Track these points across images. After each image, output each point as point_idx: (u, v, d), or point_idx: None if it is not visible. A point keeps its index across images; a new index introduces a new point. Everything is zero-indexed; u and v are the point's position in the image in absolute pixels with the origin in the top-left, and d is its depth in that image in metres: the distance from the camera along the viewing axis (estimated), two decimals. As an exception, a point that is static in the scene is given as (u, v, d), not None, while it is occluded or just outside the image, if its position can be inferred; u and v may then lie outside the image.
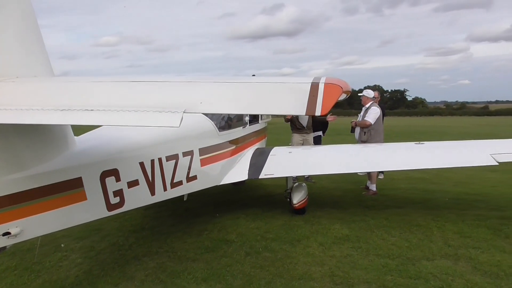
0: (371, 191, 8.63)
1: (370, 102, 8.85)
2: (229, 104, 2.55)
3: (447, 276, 4.57)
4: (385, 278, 4.54)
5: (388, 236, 5.90)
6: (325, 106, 2.29)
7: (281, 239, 5.80)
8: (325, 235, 5.97)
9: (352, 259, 5.10)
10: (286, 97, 2.47)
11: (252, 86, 2.71)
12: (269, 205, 7.59)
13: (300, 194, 6.92)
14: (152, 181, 4.55)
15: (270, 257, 5.18)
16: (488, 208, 7.45)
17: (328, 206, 7.54)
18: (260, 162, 6.80)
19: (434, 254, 5.22)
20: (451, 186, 9.58)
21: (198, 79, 2.90)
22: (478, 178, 10.48)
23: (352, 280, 4.51)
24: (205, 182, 5.73)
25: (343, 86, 2.54)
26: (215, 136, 6.00)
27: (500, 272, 4.65)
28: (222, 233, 6.07)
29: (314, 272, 4.72)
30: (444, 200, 8.14)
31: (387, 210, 7.30)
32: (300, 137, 9.29)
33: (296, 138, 9.32)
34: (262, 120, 8.86)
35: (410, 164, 6.80)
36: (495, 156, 6.18)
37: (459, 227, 6.25)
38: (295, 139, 9.33)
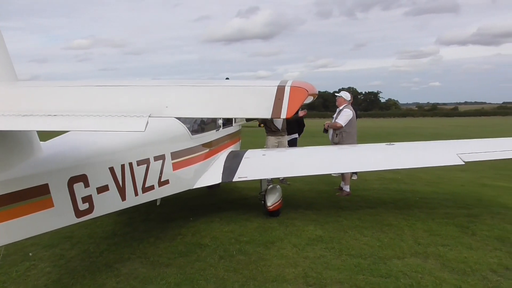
0: (344, 192, 8.75)
1: (345, 104, 8.98)
2: (195, 108, 2.55)
3: (417, 274, 4.67)
4: (357, 278, 4.60)
5: (360, 236, 5.99)
6: (291, 109, 2.32)
7: (255, 241, 5.81)
8: (299, 236, 6.01)
9: (325, 259, 5.15)
10: (253, 101, 2.49)
11: (218, 90, 2.72)
12: (243, 208, 7.59)
13: (274, 197, 6.95)
14: (123, 186, 4.48)
15: (244, 260, 5.18)
16: (456, 206, 7.67)
17: (303, 207, 7.60)
18: (234, 165, 6.80)
19: (404, 253, 5.33)
20: (422, 185, 9.82)
21: (165, 83, 2.89)
22: (447, 177, 10.77)
23: (325, 281, 4.56)
24: (178, 186, 5.69)
25: (309, 89, 2.57)
26: (188, 140, 5.96)
27: (467, 268, 4.79)
28: (196, 237, 6.03)
29: (287, 274, 4.75)
30: (415, 199, 8.33)
31: (360, 210, 7.42)
32: (275, 140, 9.32)
33: (271, 140, 9.35)
34: (236, 123, 8.87)
35: (381, 165, 6.94)
36: (461, 156, 6.38)
37: (428, 226, 6.41)
38: (270, 142, 9.35)
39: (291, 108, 2.33)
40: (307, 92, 2.49)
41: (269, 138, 9.41)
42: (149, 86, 2.90)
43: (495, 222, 6.59)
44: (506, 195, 8.68)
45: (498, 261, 4.98)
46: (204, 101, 2.58)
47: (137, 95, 2.76)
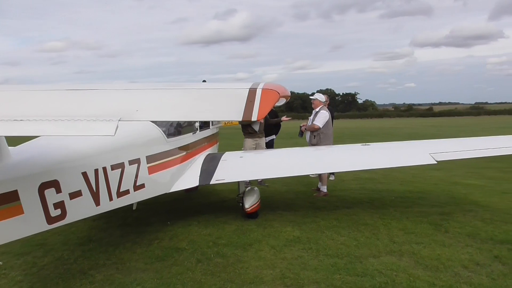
0: (322, 193, 8.83)
1: (320, 106, 9.06)
2: (166, 111, 2.54)
3: (392, 272, 4.75)
4: (334, 277, 4.65)
5: (337, 236, 6.05)
6: (262, 111, 2.33)
7: (233, 244, 5.80)
8: (277, 238, 6.04)
9: (303, 260, 5.19)
10: (224, 103, 2.50)
11: (189, 93, 2.72)
12: (222, 210, 7.58)
13: (252, 198, 6.97)
14: (97, 191, 4.41)
15: (221, 262, 5.17)
16: (430, 204, 7.84)
17: (280, 209, 7.64)
18: (211, 167, 6.78)
19: (380, 251, 5.42)
20: (397, 185, 10.00)
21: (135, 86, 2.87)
22: (422, 176, 11.00)
23: (302, 281, 4.59)
24: (154, 190, 5.64)
25: (281, 91, 2.60)
26: (163, 143, 5.92)
27: (440, 265, 4.90)
28: (173, 241, 5.98)
29: (265, 275, 4.76)
30: (391, 198, 8.48)
31: (337, 210, 7.50)
32: (253, 142, 9.32)
33: (249, 142, 9.35)
34: (213, 126, 8.85)
35: (357, 165, 7.05)
36: (434, 156, 6.54)
37: (403, 224, 6.53)
38: (247, 144, 9.35)
39: (262, 110, 2.34)
40: (278, 94, 2.52)
41: (247, 140, 9.40)
42: (119, 89, 2.87)
43: (467, 219, 6.77)
44: (477, 192, 8.92)
45: (469, 257, 5.12)
46: (175, 104, 2.57)
47: (107, 99, 2.73)
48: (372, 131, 37.02)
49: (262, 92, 2.48)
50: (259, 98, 2.43)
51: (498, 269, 4.75)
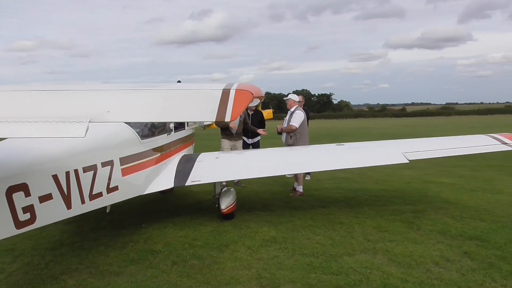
0: (298, 192, 8.89)
1: (295, 106, 9.12)
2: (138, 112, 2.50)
3: (366, 269, 4.83)
4: (310, 276, 4.69)
5: (313, 235, 6.11)
6: (235, 112, 2.33)
7: (209, 245, 5.77)
8: (253, 238, 6.04)
9: (279, 260, 5.21)
10: (197, 104, 2.48)
11: (162, 94, 2.69)
12: (198, 212, 7.52)
13: (229, 199, 6.94)
14: (68, 194, 4.31)
15: (197, 264, 5.13)
16: (403, 203, 8.01)
17: (257, 209, 7.64)
18: (186, 169, 6.73)
19: (354, 250, 5.49)
20: (372, 184, 10.17)
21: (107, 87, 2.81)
22: (396, 175, 11.22)
23: (278, 281, 4.60)
24: (128, 192, 5.55)
25: (255, 92, 2.60)
26: (137, 145, 5.83)
27: (412, 262, 5.01)
28: (148, 243, 5.90)
29: (241, 276, 4.75)
30: (365, 197, 8.61)
31: (312, 210, 7.57)
32: (229, 143, 9.28)
33: (225, 144, 9.31)
34: (189, 127, 8.78)
35: (332, 165, 7.13)
36: (406, 155, 6.68)
37: (377, 222, 6.65)
38: (224, 145, 9.32)
39: (236, 111, 2.34)
40: (252, 95, 2.52)
41: (224, 141, 9.37)
42: (90, 90, 2.81)
43: (438, 216, 6.94)
44: (448, 190, 9.17)
45: (440, 254, 5.25)
46: (148, 105, 2.54)
47: (77, 100, 2.67)
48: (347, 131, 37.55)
49: (236, 92, 2.48)
50: (233, 98, 2.43)
51: (467, 265, 4.90)
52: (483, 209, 7.44)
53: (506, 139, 7.12)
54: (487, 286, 4.33)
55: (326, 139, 22.64)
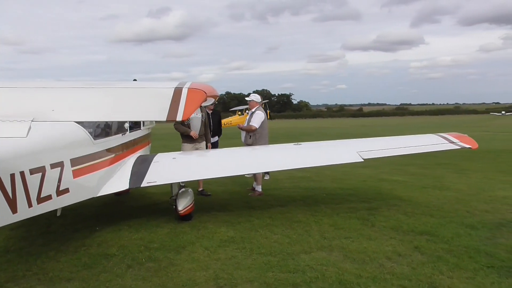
0: (257, 192, 8.92)
1: (256, 106, 9.15)
2: (85, 111, 2.41)
3: (322, 267, 4.90)
4: (267, 275, 4.70)
5: (271, 234, 6.14)
6: (187, 111, 2.29)
7: (166, 247, 5.67)
8: (211, 239, 5.99)
9: (237, 260, 5.19)
10: (148, 103, 2.42)
11: (111, 92, 2.60)
12: (154, 213, 7.37)
13: (186, 200, 6.85)
14: (13, 198, 4.08)
15: (153, 267, 5.02)
16: (358, 200, 8.23)
17: (215, 209, 7.60)
18: (142, 169, 6.57)
19: (311, 247, 5.57)
20: (328, 182, 10.39)
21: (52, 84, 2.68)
22: (352, 174, 11.52)
23: (235, 281, 4.59)
24: (80, 194, 5.34)
25: (208, 91, 2.57)
26: (90, 145, 5.62)
27: (366, 258, 5.15)
28: (102, 247, 5.71)
29: (198, 277, 4.70)
30: (322, 196, 8.78)
31: (271, 209, 7.62)
32: (192, 148, 8.52)
33: (187, 148, 8.50)
34: (145, 127, 8.58)
35: (289, 164, 7.21)
36: (361, 154, 6.87)
37: (334, 220, 6.78)
38: (186, 150, 8.52)
39: (188, 110, 2.30)
40: (205, 94, 2.49)
41: (185, 145, 8.55)
42: (33, 88, 2.67)
43: (391, 213, 7.18)
44: (400, 188, 9.52)
45: (392, 249, 5.43)
46: (96, 104, 2.45)
47: (19, 98, 2.53)
48: (306, 131, 38.18)
49: (188, 91, 2.44)
50: (185, 97, 2.38)
51: (418, 259, 5.09)
52: (432, 205, 7.77)
53: (453, 138, 7.48)
54: (435, 278, 4.51)
55: (286, 139, 22.89)
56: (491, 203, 7.93)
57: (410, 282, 4.43)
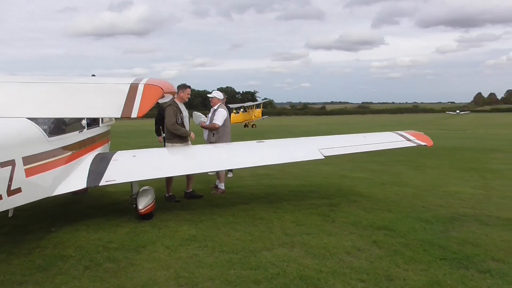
0: (220, 190, 8.88)
1: (218, 104, 9.09)
2: (33, 107, 2.30)
3: (283, 263, 4.94)
4: (228, 273, 4.69)
5: (233, 232, 6.13)
6: (143, 107, 2.24)
7: (126, 247, 5.53)
8: (172, 237, 5.91)
9: (198, 258, 5.15)
10: (102, 99, 2.35)
11: (63, 87, 2.51)
12: (114, 213, 7.18)
13: (147, 199, 6.71)
14: (-41, 198, 3.86)
15: (112, 267, 4.89)
16: (320, 197, 8.36)
17: (177, 208, 7.50)
18: (101, 168, 6.38)
19: (273, 244, 5.61)
20: (291, 179, 10.49)
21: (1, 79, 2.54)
22: (314, 171, 11.69)
23: (196, 279, 4.55)
24: (33, 194, 5.12)
25: (165, 87, 2.52)
26: (44, 143, 5.39)
27: (327, 253, 5.23)
28: (58, 248, 5.50)
29: (159, 277, 4.62)
30: (285, 193, 8.86)
31: (233, 207, 7.60)
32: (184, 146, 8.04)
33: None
34: (104, 123, 8.34)
35: (252, 162, 7.23)
36: (322, 151, 6.99)
37: (295, 217, 6.86)
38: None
39: (143, 107, 2.25)
40: (162, 90, 2.44)
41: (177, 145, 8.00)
42: None
43: (351, 209, 7.34)
44: (361, 184, 9.76)
45: (352, 244, 5.56)
46: (45, 100, 2.35)
47: None
48: (271, 128, 38.41)
49: (145, 87, 2.39)
50: (141, 94, 2.33)
51: (376, 253, 5.23)
52: (391, 201, 8.02)
53: (410, 136, 7.74)
54: (392, 271, 4.66)
55: (250, 136, 22.95)
56: (445, 198, 8.28)
57: (368, 275, 4.55)
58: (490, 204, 7.75)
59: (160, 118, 10.03)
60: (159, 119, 10.07)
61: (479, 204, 7.75)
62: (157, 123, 10.12)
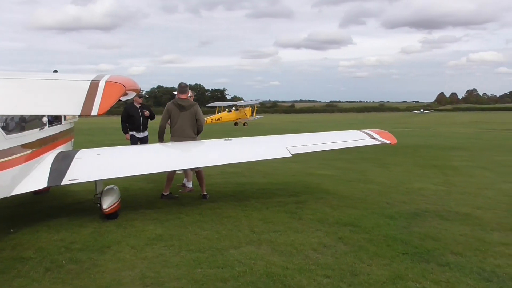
0: (187, 188, 8.79)
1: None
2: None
3: (250, 261, 4.95)
4: (195, 272, 4.66)
5: (200, 231, 6.08)
6: (104, 105, 2.18)
7: (89, 248, 5.39)
8: (138, 237, 5.81)
9: (164, 258, 5.08)
10: (60, 96, 2.27)
11: (19, 83, 2.40)
12: (77, 213, 6.98)
13: (112, 198, 6.55)
14: None
15: (75, 269, 4.75)
16: (287, 194, 8.43)
17: (143, 207, 7.37)
18: (63, 166, 6.18)
19: (240, 242, 5.61)
20: (259, 177, 10.52)
21: None
22: (282, 169, 11.76)
23: (162, 279, 4.49)
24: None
25: (128, 85, 2.47)
26: (1, 140, 5.17)
27: (293, 250, 5.28)
28: (16, 250, 5.29)
29: (123, 277, 4.53)
30: (253, 191, 8.87)
31: (201, 205, 7.55)
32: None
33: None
34: (67, 121, 8.08)
35: (219, 160, 7.20)
36: (289, 149, 7.04)
37: (263, 214, 6.88)
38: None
39: (104, 105, 2.19)
40: (124, 87, 2.38)
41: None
42: None
43: (318, 206, 7.44)
44: (327, 182, 9.90)
45: (318, 241, 5.63)
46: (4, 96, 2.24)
47: None
48: (240, 127, 38.37)
49: (106, 85, 2.32)
50: (102, 91, 2.26)
51: (341, 249, 5.33)
52: (356, 197, 8.18)
53: (375, 134, 7.92)
54: (356, 266, 4.76)
55: (218, 134, 22.85)
56: (408, 194, 8.52)
57: (333, 271, 4.62)
58: (450, 200, 8.04)
59: (126, 115, 9.87)
60: (125, 116, 9.88)
61: (440, 200, 8.02)
62: (124, 120, 9.92)
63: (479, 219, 6.70)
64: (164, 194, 8.17)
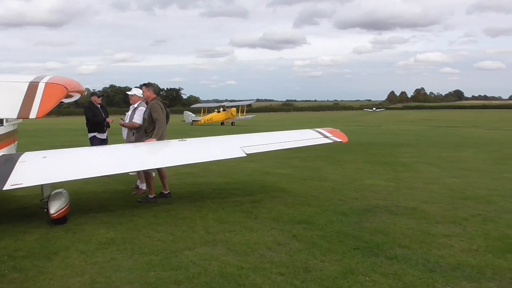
0: (141, 190, 8.59)
1: (139, 101, 8.76)
2: None
3: (205, 261, 4.91)
4: (148, 275, 4.56)
5: (154, 233, 5.96)
6: (43, 108, 2.09)
7: (35, 255, 5.14)
8: (88, 242, 5.60)
9: (116, 262, 4.94)
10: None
11: None
12: (22, 219, 6.64)
13: (60, 202, 6.27)
14: None
15: (19, 277, 4.51)
16: (243, 194, 8.44)
17: (94, 210, 7.12)
18: (5, 170, 5.83)
19: (195, 243, 5.55)
20: (215, 177, 10.48)
21: None
22: (238, 168, 11.78)
23: (114, 284, 4.36)
24: None
25: (70, 86, 2.39)
26: None
27: (248, 249, 5.29)
28: (-47, 261, 4.96)
29: (72, 284, 4.36)
30: (209, 191, 8.81)
31: (155, 207, 7.41)
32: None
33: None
34: (9, 123, 7.63)
35: (174, 161, 7.09)
36: (244, 149, 7.04)
37: (218, 215, 6.86)
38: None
39: (44, 107, 2.10)
40: (66, 89, 2.30)
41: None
42: None
43: (273, 205, 7.51)
44: (284, 180, 10.02)
45: (273, 239, 5.68)
46: None
47: None
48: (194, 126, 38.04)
49: (46, 86, 2.23)
50: (41, 93, 2.17)
51: (295, 246, 5.41)
52: (310, 195, 8.34)
53: (327, 133, 8.10)
54: (309, 263, 4.85)
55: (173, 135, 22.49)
56: (360, 191, 8.79)
57: (287, 269, 4.68)
58: (399, 195, 8.38)
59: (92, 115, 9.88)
60: (91, 116, 9.82)
61: (390, 196, 8.33)
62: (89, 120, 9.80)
63: (425, 212, 7.02)
64: (163, 192, 8.18)
